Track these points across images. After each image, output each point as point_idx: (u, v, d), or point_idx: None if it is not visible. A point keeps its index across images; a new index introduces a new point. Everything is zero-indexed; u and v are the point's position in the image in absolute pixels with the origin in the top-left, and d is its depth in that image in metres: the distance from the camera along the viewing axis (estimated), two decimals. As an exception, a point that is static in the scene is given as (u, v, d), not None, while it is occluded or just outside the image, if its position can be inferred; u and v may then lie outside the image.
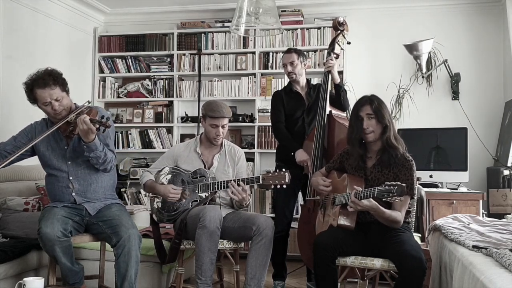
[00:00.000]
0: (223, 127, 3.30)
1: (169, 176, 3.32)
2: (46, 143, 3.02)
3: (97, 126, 2.79)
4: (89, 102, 3.04)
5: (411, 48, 4.68)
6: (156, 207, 3.32)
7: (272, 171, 3.09)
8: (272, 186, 3.06)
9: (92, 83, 5.52)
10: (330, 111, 3.53)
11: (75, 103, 3.08)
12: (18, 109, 4.32)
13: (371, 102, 2.78)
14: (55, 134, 3.03)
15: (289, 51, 3.76)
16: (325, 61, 3.69)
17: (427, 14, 5.00)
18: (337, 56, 3.67)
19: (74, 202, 3.01)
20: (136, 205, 4.92)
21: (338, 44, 3.64)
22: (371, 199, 2.56)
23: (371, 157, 2.86)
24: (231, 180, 3.14)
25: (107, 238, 2.96)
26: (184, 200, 3.23)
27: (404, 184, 2.46)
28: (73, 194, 3.01)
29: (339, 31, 3.65)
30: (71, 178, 3.02)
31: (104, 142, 3.00)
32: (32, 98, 2.94)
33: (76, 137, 2.95)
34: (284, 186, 3.05)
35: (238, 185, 3.09)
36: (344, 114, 3.68)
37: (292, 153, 3.56)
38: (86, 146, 2.87)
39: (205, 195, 3.22)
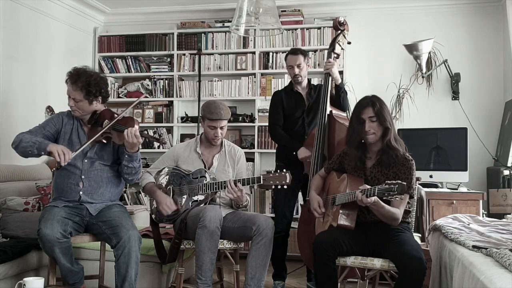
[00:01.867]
0: (221, 128, 3.29)
1: (168, 177, 3.32)
2: (68, 138, 3.04)
3: (157, 144, 2.82)
4: (148, 89, 3.01)
5: (411, 48, 4.68)
6: (156, 206, 3.31)
7: (273, 172, 3.09)
8: (273, 187, 3.06)
9: (92, 83, 5.51)
10: (331, 111, 3.53)
11: (107, 108, 3.10)
12: (18, 109, 4.33)
13: (373, 104, 2.76)
14: (79, 130, 3.06)
15: (295, 52, 3.69)
16: (325, 61, 3.69)
17: (427, 14, 5.00)
18: (338, 56, 3.66)
19: (77, 200, 3.00)
20: (136, 205, 4.91)
21: (339, 44, 3.64)
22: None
23: (370, 157, 2.85)
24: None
25: (107, 239, 2.96)
26: (179, 212, 3.23)
27: (404, 183, 2.46)
28: (81, 192, 3.01)
29: (339, 31, 3.64)
30: (83, 177, 3.02)
31: None
32: None
33: (99, 144, 3.01)
34: (285, 187, 3.05)
35: (235, 185, 3.09)
36: (344, 114, 3.68)
37: (294, 153, 3.55)
38: (129, 156, 2.94)
39: (205, 195, 3.22)
